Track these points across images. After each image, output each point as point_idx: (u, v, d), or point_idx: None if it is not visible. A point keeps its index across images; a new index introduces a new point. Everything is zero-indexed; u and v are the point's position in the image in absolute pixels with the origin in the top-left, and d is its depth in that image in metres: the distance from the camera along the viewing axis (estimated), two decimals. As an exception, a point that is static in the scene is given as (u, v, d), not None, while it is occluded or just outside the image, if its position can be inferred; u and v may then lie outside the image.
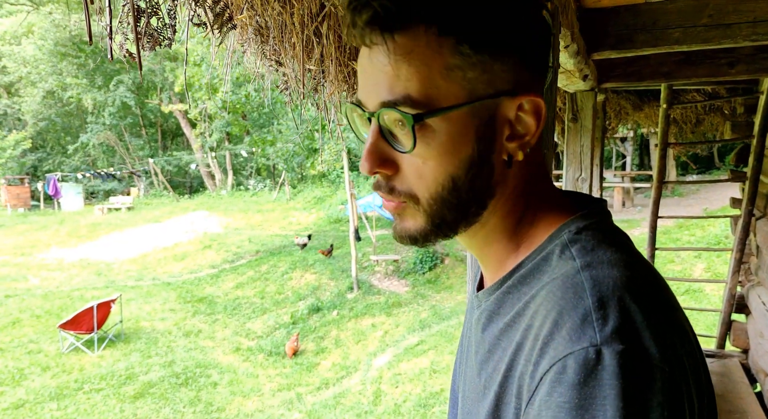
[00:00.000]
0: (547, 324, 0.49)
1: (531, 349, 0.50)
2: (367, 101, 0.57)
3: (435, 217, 0.58)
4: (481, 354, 0.60)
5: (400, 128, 0.56)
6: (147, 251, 15.53)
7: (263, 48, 1.82)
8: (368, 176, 0.68)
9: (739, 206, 4.12)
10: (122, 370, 8.07)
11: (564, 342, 0.46)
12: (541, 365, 0.47)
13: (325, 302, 10.81)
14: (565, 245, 0.56)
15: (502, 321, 0.58)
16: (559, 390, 0.45)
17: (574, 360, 0.44)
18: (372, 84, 0.56)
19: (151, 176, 27.01)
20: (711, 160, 18.39)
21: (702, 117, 5.13)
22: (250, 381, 8.02)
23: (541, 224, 0.61)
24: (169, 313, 10.83)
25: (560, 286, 0.51)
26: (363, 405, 7.07)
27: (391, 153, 0.58)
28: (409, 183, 0.58)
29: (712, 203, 12.91)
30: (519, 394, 0.51)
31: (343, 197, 17.84)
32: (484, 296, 0.64)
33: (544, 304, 0.51)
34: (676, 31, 2.18)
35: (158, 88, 26.51)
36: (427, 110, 0.54)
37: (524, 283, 0.58)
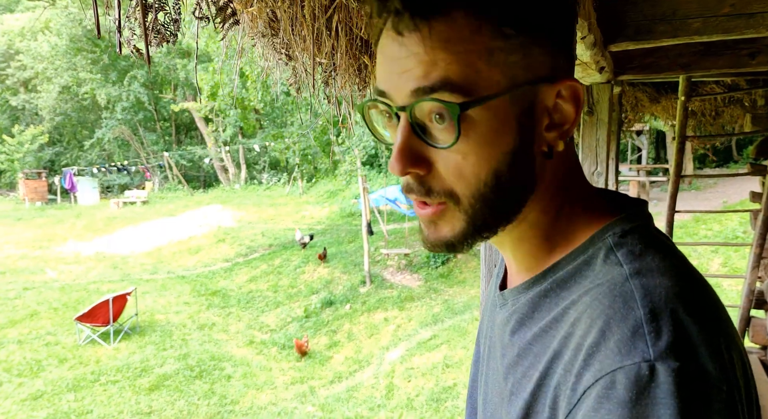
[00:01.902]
0: (592, 334, 0.46)
1: (572, 359, 0.47)
2: (395, 93, 0.52)
3: (476, 218, 0.54)
4: (509, 357, 0.57)
5: (437, 120, 0.50)
6: (162, 245, 15.68)
7: (273, 41, 1.80)
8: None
9: (759, 200, 4.04)
10: (137, 362, 8.16)
11: (612, 354, 0.43)
12: (585, 377, 0.44)
13: (338, 296, 10.83)
14: (611, 248, 0.52)
15: (537, 325, 0.54)
16: (607, 407, 0.42)
17: (624, 375, 0.42)
18: (402, 73, 0.50)
19: (165, 170, 27.23)
20: (729, 153, 18.10)
21: (721, 109, 5.03)
22: (263, 374, 8.08)
23: (580, 223, 0.57)
24: (184, 306, 10.93)
25: (607, 293, 0.48)
26: (376, 398, 7.08)
27: (424, 150, 0.52)
28: (448, 182, 0.53)
29: (731, 197, 12.71)
30: (554, 405, 0.48)
31: (355, 191, 17.85)
32: (511, 296, 0.61)
33: (589, 312, 0.48)
34: (696, 20, 2.12)
35: (172, 83, 26.67)
36: (469, 96, 0.49)
37: (563, 287, 0.54)
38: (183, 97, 26.68)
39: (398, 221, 14.87)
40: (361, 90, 2.36)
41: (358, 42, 1.98)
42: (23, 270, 13.19)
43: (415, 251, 12.39)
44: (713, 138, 7.61)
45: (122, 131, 26.97)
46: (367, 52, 2.07)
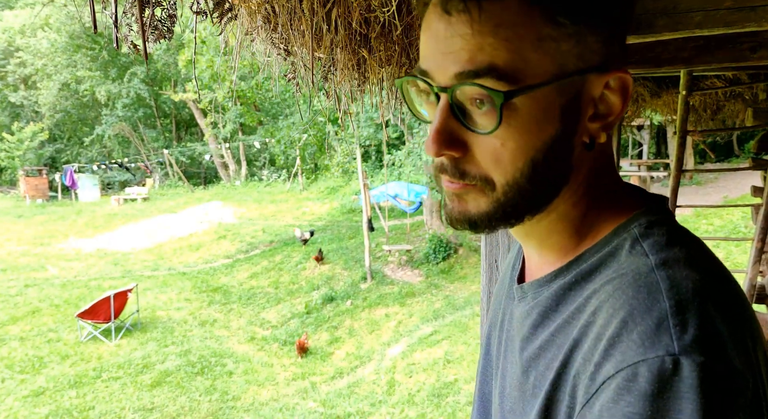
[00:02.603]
0: (613, 324, 0.45)
1: (591, 348, 0.47)
2: (437, 73, 0.50)
3: (507, 204, 0.53)
4: (531, 351, 0.56)
5: (477, 105, 0.50)
6: (162, 241, 15.69)
7: (272, 36, 1.79)
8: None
9: (761, 194, 4.03)
10: (139, 359, 8.18)
11: (635, 346, 0.43)
12: (605, 367, 0.44)
13: (339, 292, 10.83)
14: (636, 239, 0.52)
15: (560, 317, 0.54)
16: (627, 399, 0.41)
17: (647, 368, 0.41)
18: (447, 54, 0.49)
19: (165, 166, 27.23)
20: (730, 147, 18.07)
21: (722, 104, 5.02)
22: (264, 371, 8.09)
23: (606, 215, 0.57)
24: (185, 303, 10.94)
25: (631, 283, 0.47)
26: (377, 394, 7.09)
27: (462, 133, 0.51)
28: (484, 167, 0.52)
29: (731, 192, 12.69)
30: (573, 393, 0.48)
31: (356, 188, 17.83)
32: (531, 289, 0.60)
33: (611, 301, 0.47)
34: (697, 14, 2.11)
35: (172, 80, 26.63)
36: (515, 84, 0.48)
37: (588, 279, 0.53)
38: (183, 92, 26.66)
39: (399, 217, 14.87)
40: (360, 85, 2.35)
41: (357, 37, 1.97)
42: (24, 267, 13.21)
43: (416, 247, 12.39)
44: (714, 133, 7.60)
45: (122, 127, 26.95)
46: (366, 47, 2.06)
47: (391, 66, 2.18)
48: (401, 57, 2.08)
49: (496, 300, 0.75)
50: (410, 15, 1.75)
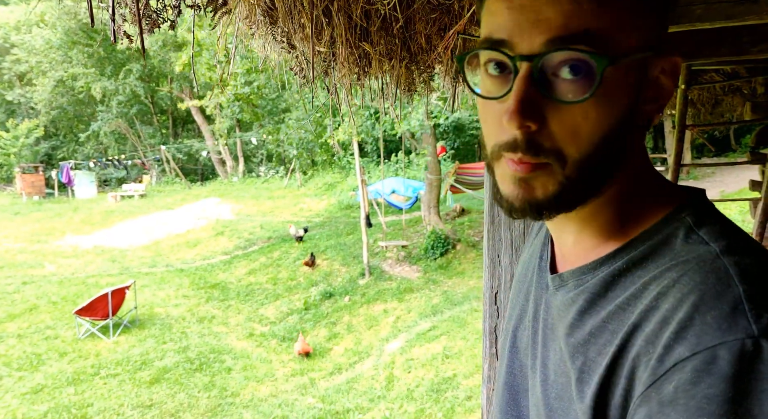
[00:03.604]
0: (683, 308, 0.46)
1: (656, 331, 0.47)
2: (522, 41, 0.49)
3: (576, 183, 0.52)
4: (580, 337, 0.56)
5: (570, 73, 0.49)
6: (160, 238, 15.66)
7: (272, 30, 1.78)
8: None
9: (759, 188, 4.03)
10: (137, 356, 8.17)
11: (711, 330, 0.44)
12: (677, 350, 0.45)
13: (337, 288, 10.83)
14: (690, 228, 0.53)
15: (612, 303, 0.54)
16: (708, 381, 0.42)
17: (727, 350, 0.42)
18: (535, 21, 0.48)
19: (162, 163, 27.15)
20: (727, 142, 18.09)
21: (720, 98, 5.02)
22: (263, 367, 8.09)
23: (650, 203, 0.57)
24: (183, 299, 10.93)
25: (697, 270, 0.48)
26: (376, 389, 7.10)
27: (540, 104, 0.50)
28: (558, 141, 0.51)
29: (729, 186, 12.73)
30: (631, 376, 0.49)
31: (353, 184, 17.82)
32: (573, 276, 0.60)
33: (678, 287, 0.48)
34: (698, 7, 2.10)
35: (168, 76, 26.52)
36: (607, 52, 0.48)
37: (639, 266, 0.53)
38: (180, 90, 26.53)
39: (396, 213, 14.87)
40: (361, 79, 2.34)
41: (358, 31, 1.96)
42: (22, 264, 13.17)
43: (413, 242, 12.40)
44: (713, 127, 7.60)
45: (118, 124, 26.85)
46: (368, 40, 2.05)
47: (392, 60, 2.16)
48: (401, 50, 2.06)
49: (521, 294, 0.74)
50: (410, 8, 1.74)
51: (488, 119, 0.55)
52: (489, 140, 0.55)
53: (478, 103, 0.57)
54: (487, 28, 0.53)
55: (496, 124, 0.53)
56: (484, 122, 0.56)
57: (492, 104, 0.54)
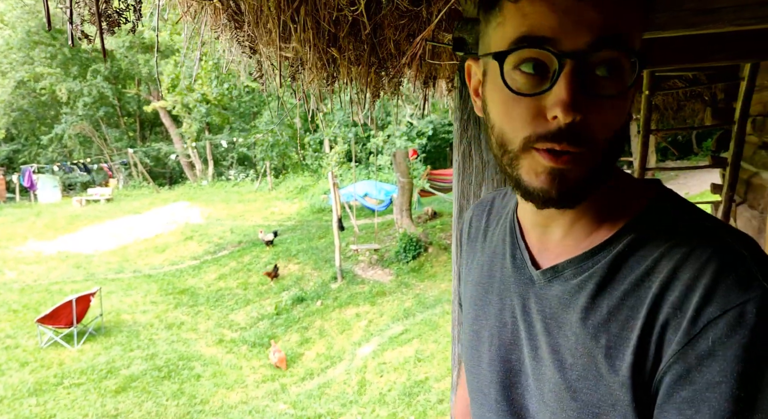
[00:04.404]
0: (706, 276, 0.54)
1: (682, 298, 0.54)
2: (566, 40, 0.54)
3: (600, 169, 0.59)
4: (598, 318, 0.61)
5: (607, 70, 0.55)
6: (127, 243, 15.31)
7: (237, 34, 1.75)
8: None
9: (720, 191, 4.15)
10: (103, 364, 7.96)
11: (736, 290, 0.52)
12: (708, 310, 0.52)
13: (309, 292, 10.76)
14: (677, 210, 0.62)
15: (626, 282, 0.60)
16: (741, 332, 0.51)
17: (753, 305, 0.51)
18: (579, 21, 0.54)
19: (130, 167, 26.57)
20: (689, 146, 18.60)
21: (683, 103, 5.16)
22: (233, 373, 7.97)
23: (630, 194, 0.65)
24: (151, 305, 10.70)
25: (705, 244, 0.56)
26: (348, 394, 7.07)
27: (582, 97, 0.55)
28: (592, 131, 0.56)
29: (692, 189, 13.08)
30: (660, 341, 0.55)
31: (325, 187, 17.74)
32: (571, 266, 0.65)
33: (692, 259, 0.55)
34: (662, 15, 2.14)
35: (136, 78, 25.99)
36: (637, 54, 0.56)
37: (642, 248, 0.60)
38: (147, 92, 26.04)
39: (370, 216, 14.85)
40: (330, 84, 2.32)
41: (326, 36, 1.94)
42: (-20, 272, 12.72)
43: (385, 246, 12.39)
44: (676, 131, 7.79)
45: (83, 127, 26.18)
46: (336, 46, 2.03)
47: (361, 65, 2.15)
48: (370, 56, 2.06)
49: (490, 295, 0.76)
50: (379, 14, 1.74)
51: (518, 114, 0.58)
52: (517, 134, 0.58)
53: (501, 99, 0.60)
54: (520, 28, 0.56)
55: (528, 118, 0.57)
56: (510, 118, 0.59)
57: (523, 100, 0.57)
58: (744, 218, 3.83)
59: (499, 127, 0.61)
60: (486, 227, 0.84)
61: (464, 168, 1.50)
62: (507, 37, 0.58)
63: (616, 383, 0.58)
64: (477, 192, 1.51)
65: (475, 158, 1.48)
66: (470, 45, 1.41)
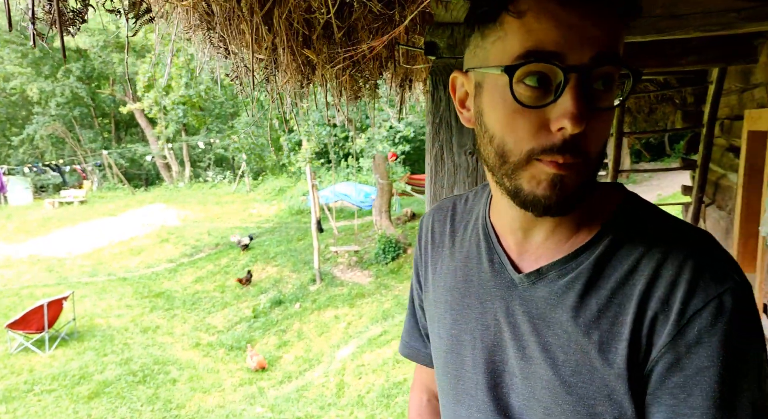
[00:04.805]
0: (686, 272, 0.60)
1: (668, 293, 0.60)
2: (571, 55, 0.57)
3: (591, 177, 0.63)
4: (588, 316, 0.64)
5: (603, 84, 0.59)
6: (101, 246, 15.04)
7: (209, 35, 1.73)
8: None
9: (690, 193, 4.24)
10: (75, 370, 7.80)
11: (713, 283, 0.59)
12: (693, 302, 0.58)
13: (287, 294, 10.70)
14: (647, 212, 0.68)
15: (612, 280, 0.64)
16: (722, 320, 0.58)
17: (729, 295, 0.58)
18: (582, 37, 0.57)
19: (104, 168, 26.10)
20: (662, 148, 18.96)
21: (654, 107, 5.25)
22: (210, 377, 7.88)
23: (599, 196, 0.69)
24: (126, 309, 10.53)
25: (680, 245, 0.62)
26: (326, 397, 7.04)
27: (585, 109, 0.57)
28: (588, 141, 0.60)
29: (665, 190, 13.32)
30: (650, 332, 0.61)
31: (304, 188, 17.66)
32: (555, 267, 0.68)
33: (672, 259, 0.61)
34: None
35: (110, 78, 25.56)
36: (633, 69, 0.60)
37: (622, 249, 0.65)
38: (123, 92, 25.63)
39: (348, 218, 14.83)
40: (305, 86, 2.31)
41: (300, 38, 1.94)
42: (-52, 276, 12.38)
43: (365, 247, 12.39)
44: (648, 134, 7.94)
45: (56, 127, 25.63)
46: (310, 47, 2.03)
47: (335, 68, 2.15)
48: (344, 59, 2.05)
49: (467, 299, 0.78)
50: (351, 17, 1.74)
51: (521, 126, 0.60)
52: (521, 146, 0.60)
53: (504, 112, 0.61)
54: (525, 43, 0.58)
55: (532, 130, 0.59)
56: (513, 129, 0.61)
57: (527, 112, 0.59)
58: (712, 218, 3.92)
59: (501, 138, 0.62)
60: (452, 233, 0.85)
61: (436, 172, 1.51)
62: (511, 52, 0.59)
63: (611, 375, 0.62)
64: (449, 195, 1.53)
65: (447, 162, 1.49)
66: (441, 49, 1.43)
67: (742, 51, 2.97)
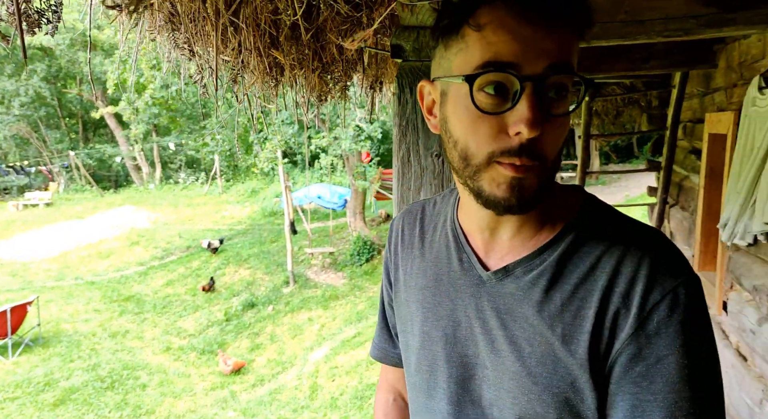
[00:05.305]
0: (644, 268, 0.64)
1: (629, 289, 0.64)
2: (527, 65, 0.61)
3: (549, 179, 0.66)
4: (552, 309, 0.68)
5: (557, 93, 0.63)
6: (68, 249, 14.67)
7: (175, 36, 1.71)
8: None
9: (655, 194, 4.34)
10: (40, 376, 7.60)
11: (669, 278, 0.63)
12: (651, 296, 0.63)
13: (260, 297, 10.60)
14: (607, 214, 0.72)
15: (575, 276, 0.68)
16: (678, 311, 0.62)
17: (683, 287, 0.63)
18: (537, 49, 0.60)
19: (72, 170, 25.47)
20: (630, 149, 19.37)
21: (621, 109, 5.36)
22: (181, 381, 7.76)
23: (562, 200, 0.73)
24: (94, 314, 10.29)
25: (639, 242, 0.67)
26: (299, 400, 7.00)
27: (540, 115, 0.61)
28: (545, 146, 0.63)
29: (632, 191, 13.61)
30: (614, 325, 0.65)
31: (277, 190, 17.53)
32: (521, 265, 0.72)
33: (631, 256, 0.66)
34: (596, 25, 2.23)
35: (77, 78, 24.97)
36: (584, 78, 0.64)
37: (583, 247, 0.69)
38: (90, 92, 25.03)
39: (322, 219, 14.77)
40: (273, 88, 2.30)
41: (267, 39, 1.92)
42: None
43: (338, 249, 12.36)
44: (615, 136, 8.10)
45: (20, 128, 24.92)
46: (278, 49, 2.02)
47: (304, 69, 2.14)
48: (312, 60, 2.05)
49: (438, 297, 0.81)
50: (319, 19, 1.73)
51: (482, 131, 0.64)
52: (482, 149, 0.64)
53: (467, 118, 0.65)
54: (485, 54, 0.62)
55: (492, 134, 0.63)
56: (474, 134, 0.65)
57: (488, 118, 0.63)
58: (676, 219, 4.01)
59: (464, 142, 0.66)
60: (422, 234, 0.88)
61: (403, 174, 1.52)
62: (472, 62, 0.63)
63: (574, 365, 0.66)
64: (416, 197, 1.53)
65: (414, 164, 1.50)
66: (407, 52, 1.43)
67: (702, 56, 3.05)
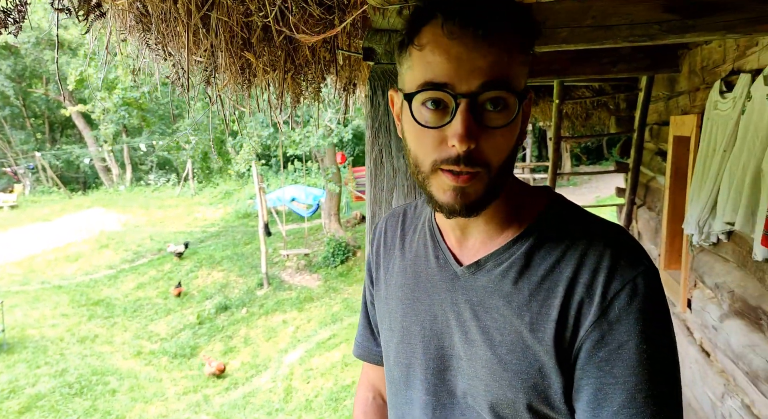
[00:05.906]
0: (605, 261, 0.70)
1: (592, 280, 0.69)
2: (460, 83, 0.65)
3: (495, 184, 0.71)
4: (520, 300, 0.73)
5: (494, 107, 0.67)
6: (35, 253, 14.28)
7: (146, 37, 1.69)
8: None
9: (624, 195, 4.44)
10: (5, 383, 7.39)
11: (629, 268, 0.69)
12: (612, 286, 0.68)
13: (234, 300, 10.50)
14: (571, 212, 0.78)
15: (541, 268, 0.73)
16: (637, 299, 0.67)
17: (642, 278, 0.68)
18: (471, 69, 0.65)
19: (38, 171, 24.81)
20: (601, 151, 19.75)
21: (591, 112, 5.47)
22: (152, 386, 7.64)
23: (528, 199, 0.80)
24: (61, 318, 10.05)
25: (601, 237, 0.72)
26: (274, 402, 6.96)
27: (474, 129, 0.66)
28: (486, 155, 0.68)
29: (603, 192, 13.88)
30: (578, 314, 0.69)
31: (251, 192, 17.37)
32: (492, 258, 0.77)
33: (594, 250, 0.71)
34: (563, 30, 2.27)
35: (43, 77, 24.35)
36: (518, 93, 0.68)
37: (548, 242, 0.74)
38: (57, 92, 24.45)
39: (297, 221, 14.68)
40: (246, 89, 2.29)
41: (239, 40, 1.92)
42: None
43: (314, 251, 12.31)
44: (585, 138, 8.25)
45: (-16, 128, 24.19)
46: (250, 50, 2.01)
47: (276, 71, 2.14)
48: (286, 62, 2.05)
49: (417, 292, 0.86)
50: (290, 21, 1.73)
51: (425, 142, 0.70)
52: (427, 158, 0.70)
53: (414, 130, 0.71)
54: (425, 74, 0.68)
55: (434, 145, 0.69)
56: (419, 144, 0.71)
57: (430, 131, 0.69)
58: (643, 219, 4.11)
59: (414, 151, 0.73)
60: (403, 236, 0.95)
61: (376, 175, 1.53)
62: (415, 80, 0.69)
63: (541, 351, 0.71)
64: (389, 198, 1.55)
65: (387, 166, 1.52)
66: (379, 55, 1.45)
67: (667, 61, 3.14)
